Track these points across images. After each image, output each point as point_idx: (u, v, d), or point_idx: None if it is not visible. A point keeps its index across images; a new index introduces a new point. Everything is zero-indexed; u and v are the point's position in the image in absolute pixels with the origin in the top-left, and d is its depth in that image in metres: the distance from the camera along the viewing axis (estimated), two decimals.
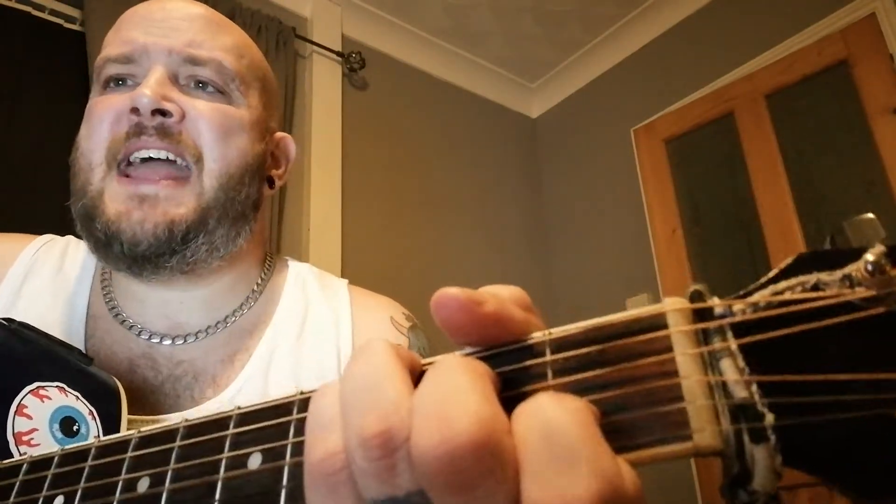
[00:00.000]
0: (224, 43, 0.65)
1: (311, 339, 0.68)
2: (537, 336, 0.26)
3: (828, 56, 2.22)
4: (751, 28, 2.50)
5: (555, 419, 0.22)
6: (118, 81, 0.62)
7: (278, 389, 0.64)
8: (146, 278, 0.61)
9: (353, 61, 2.63)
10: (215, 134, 0.61)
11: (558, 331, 0.26)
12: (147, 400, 0.61)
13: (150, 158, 0.59)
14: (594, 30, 2.98)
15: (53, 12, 2.09)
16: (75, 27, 2.10)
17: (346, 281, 0.77)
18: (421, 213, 2.73)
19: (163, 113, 0.59)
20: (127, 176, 0.59)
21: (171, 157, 0.59)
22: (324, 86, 2.53)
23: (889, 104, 2.07)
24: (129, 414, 0.52)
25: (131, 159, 0.59)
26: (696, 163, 2.61)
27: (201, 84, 0.62)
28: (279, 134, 0.73)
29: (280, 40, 2.36)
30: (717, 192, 2.52)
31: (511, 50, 3.09)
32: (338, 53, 2.59)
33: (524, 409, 0.23)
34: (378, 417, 0.23)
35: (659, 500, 2.25)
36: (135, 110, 0.58)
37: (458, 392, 0.22)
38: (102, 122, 0.60)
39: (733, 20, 2.57)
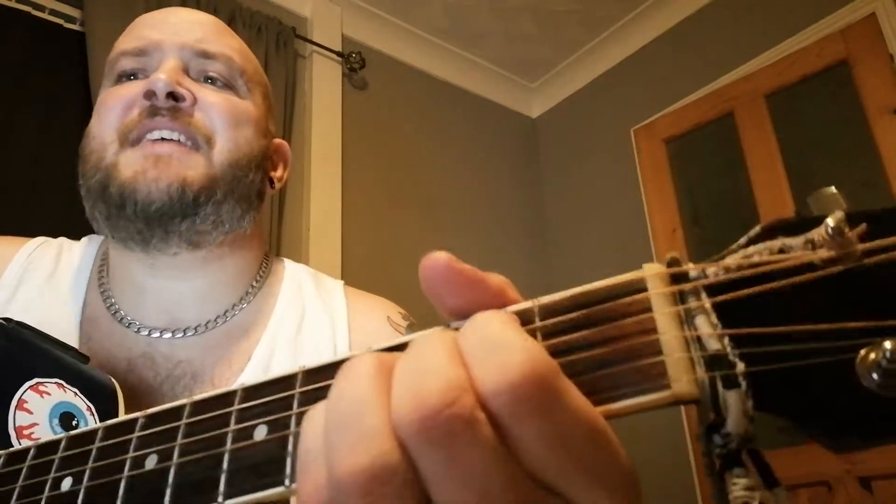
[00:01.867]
0: (232, 45, 0.69)
1: (308, 343, 0.68)
2: (526, 304, 0.27)
3: (828, 56, 2.22)
4: (751, 28, 2.50)
5: (484, 320, 0.24)
6: (130, 76, 0.65)
7: None
8: (154, 248, 0.61)
9: (353, 61, 2.63)
10: (226, 121, 0.64)
11: (546, 299, 0.27)
12: (144, 400, 0.61)
13: (163, 139, 0.61)
14: (594, 30, 2.98)
15: (53, 12, 2.09)
16: (75, 27, 2.11)
17: (341, 282, 0.77)
18: (421, 213, 2.73)
19: (175, 98, 0.61)
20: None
21: (183, 138, 0.61)
22: (324, 86, 2.53)
23: (889, 104, 2.07)
24: (126, 413, 0.52)
25: (144, 140, 0.61)
26: (696, 163, 2.61)
27: (210, 79, 0.66)
28: (277, 140, 0.76)
29: (280, 40, 2.36)
30: (717, 192, 2.53)
31: (511, 50, 3.09)
32: (338, 53, 2.60)
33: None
34: (358, 455, 0.22)
35: (658, 495, 2.25)
36: (149, 94, 0.60)
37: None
38: (114, 109, 0.62)
39: (733, 20, 2.57)
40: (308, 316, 0.71)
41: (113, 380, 0.53)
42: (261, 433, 0.29)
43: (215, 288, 0.67)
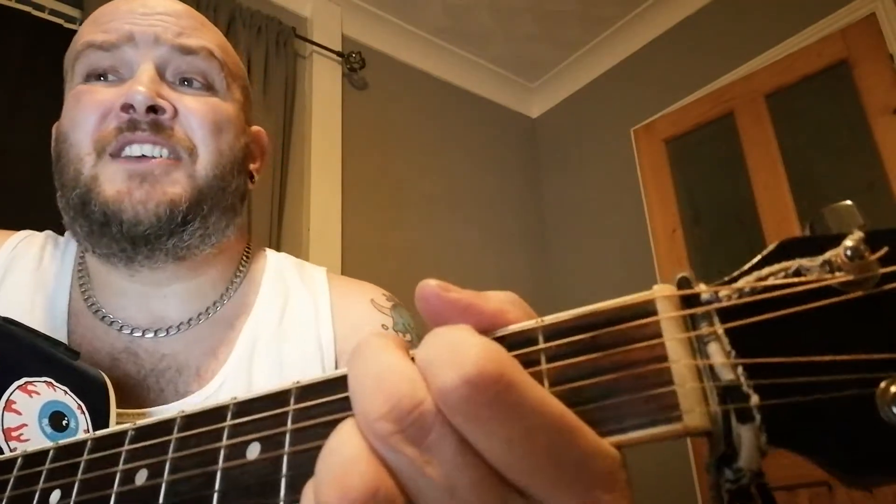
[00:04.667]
0: (210, 38, 0.66)
1: (292, 329, 0.68)
2: (530, 324, 0.26)
3: (828, 56, 2.22)
4: (751, 28, 2.50)
5: (440, 328, 0.24)
6: (101, 76, 0.61)
7: (262, 380, 0.64)
8: (138, 264, 0.60)
9: (353, 61, 2.63)
10: (207, 129, 0.62)
11: (550, 318, 0.26)
12: (131, 394, 0.60)
13: (144, 156, 0.59)
14: (594, 30, 2.98)
15: (53, 12, 2.09)
16: (75, 27, 2.10)
17: (324, 269, 0.77)
18: (421, 213, 2.73)
19: (155, 110, 0.59)
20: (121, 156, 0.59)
21: (165, 153, 0.59)
22: (324, 86, 2.53)
23: (889, 104, 2.07)
24: (117, 408, 0.52)
25: (123, 154, 0.58)
26: (696, 163, 2.61)
27: (187, 81, 0.63)
28: (254, 128, 0.74)
29: (280, 40, 2.36)
30: (717, 192, 2.52)
31: (511, 50, 3.09)
32: (338, 53, 2.59)
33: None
34: (344, 480, 0.22)
35: (658, 496, 2.25)
36: (127, 107, 0.58)
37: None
38: (90, 115, 0.59)
39: (733, 20, 2.57)
40: (291, 303, 0.70)
41: (104, 375, 0.52)
42: (254, 451, 0.28)
43: (198, 288, 0.67)
